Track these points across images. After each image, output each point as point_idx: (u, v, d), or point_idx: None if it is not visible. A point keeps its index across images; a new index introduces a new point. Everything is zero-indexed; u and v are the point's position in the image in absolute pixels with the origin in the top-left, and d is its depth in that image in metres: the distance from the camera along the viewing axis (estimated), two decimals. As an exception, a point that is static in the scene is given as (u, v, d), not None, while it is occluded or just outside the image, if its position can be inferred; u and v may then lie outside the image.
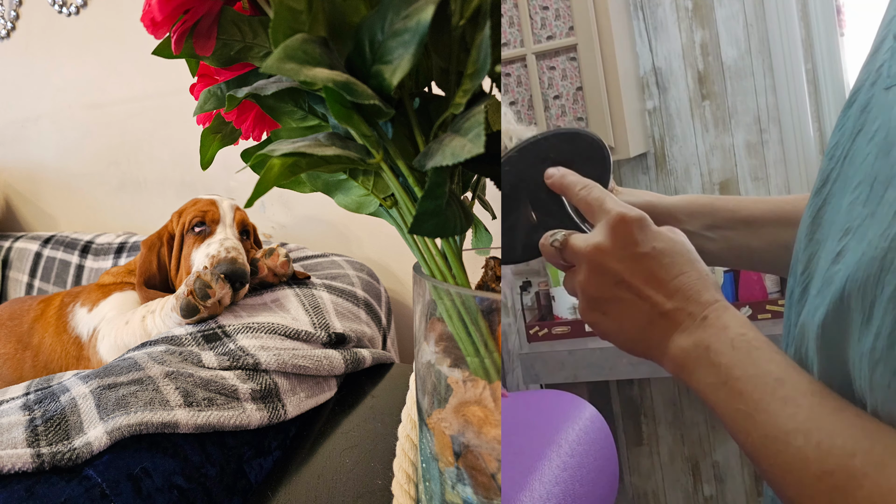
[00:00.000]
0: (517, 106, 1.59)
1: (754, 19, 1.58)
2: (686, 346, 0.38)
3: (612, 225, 0.41)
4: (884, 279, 0.30)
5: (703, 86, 1.65)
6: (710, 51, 1.63)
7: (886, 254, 0.30)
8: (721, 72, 1.63)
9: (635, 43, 1.68)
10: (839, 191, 0.37)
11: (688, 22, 1.64)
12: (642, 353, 0.42)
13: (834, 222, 0.37)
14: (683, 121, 1.67)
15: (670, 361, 0.39)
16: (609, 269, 0.41)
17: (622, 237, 0.40)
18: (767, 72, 1.59)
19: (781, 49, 1.56)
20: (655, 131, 1.70)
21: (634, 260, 0.40)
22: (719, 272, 1.57)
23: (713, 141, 1.66)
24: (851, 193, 0.36)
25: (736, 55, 1.61)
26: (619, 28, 1.53)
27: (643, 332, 0.40)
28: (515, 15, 1.53)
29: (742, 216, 0.55)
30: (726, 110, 1.64)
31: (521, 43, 1.53)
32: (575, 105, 1.51)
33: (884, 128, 0.35)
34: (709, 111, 1.65)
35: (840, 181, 0.38)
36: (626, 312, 0.41)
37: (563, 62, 1.51)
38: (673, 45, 1.66)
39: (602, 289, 0.41)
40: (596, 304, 0.42)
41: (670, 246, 0.41)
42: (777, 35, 1.56)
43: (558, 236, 0.44)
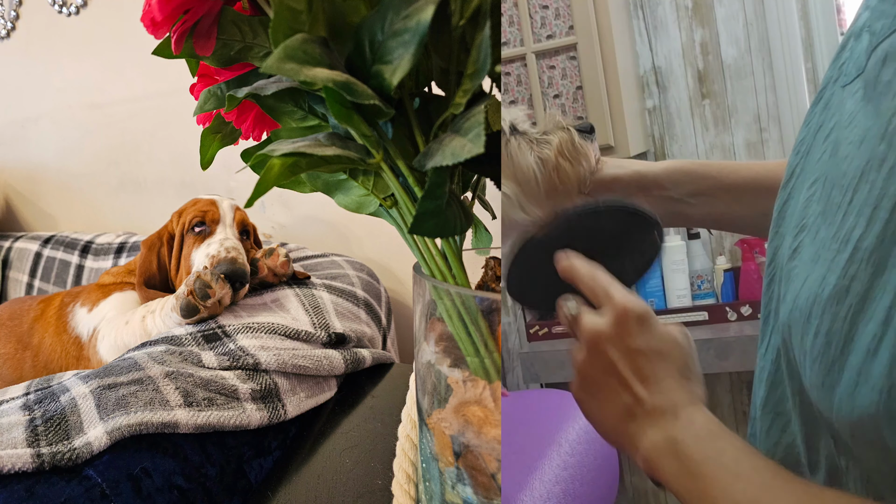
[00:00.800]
0: (517, 105, 1.59)
1: (754, 18, 1.58)
2: (656, 441, 0.39)
3: (615, 316, 0.41)
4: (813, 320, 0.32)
5: (703, 85, 1.65)
6: (710, 50, 1.63)
7: (814, 304, 0.32)
8: (721, 71, 1.63)
9: (635, 42, 1.68)
10: (800, 186, 0.39)
11: (688, 21, 1.64)
12: (617, 443, 0.43)
13: (793, 217, 0.38)
14: (683, 120, 1.67)
15: (641, 456, 0.40)
16: (604, 357, 0.42)
17: (622, 330, 0.41)
18: (767, 71, 1.59)
19: (781, 48, 1.55)
20: (655, 130, 1.70)
21: (629, 354, 0.41)
22: (719, 271, 1.57)
23: (713, 140, 1.66)
24: (808, 190, 0.37)
25: (736, 54, 1.61)
26: (619, 27, 1.53)
27: (622, 423, 0.41)
28: (515, 14, 1.53)
29: (725, 184, 0.56)
30: (726, 109, 1.64)
31: (521, 42, 1.53)
32: (575, 104, 1.51)
33: (837, 126, 0.35)
34: (709, 110, 1.65)
35: (801, 176, 0.39)
36: (610, 400, 0.42)
37: (562, 61, 1.51)
38: (673, 44, 1.66)
39: (594, 372, 0.42)
40: (586, 384, 0.43)
41: (667, 348, 0.41)
42: (777, 34, 1.56)
43: (572, 306, 0.44)
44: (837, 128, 0.35)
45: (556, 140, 0.51)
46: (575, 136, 0.51)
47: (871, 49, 0.33)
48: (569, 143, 0.51)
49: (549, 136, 0.51)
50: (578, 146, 0.51)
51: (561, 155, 0.50)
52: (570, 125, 0.52)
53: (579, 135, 0.52)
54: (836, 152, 0.34)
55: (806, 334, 0.32)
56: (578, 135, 0.52)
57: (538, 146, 0.50)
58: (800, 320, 0.33)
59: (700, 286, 1.58)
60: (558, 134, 0.51)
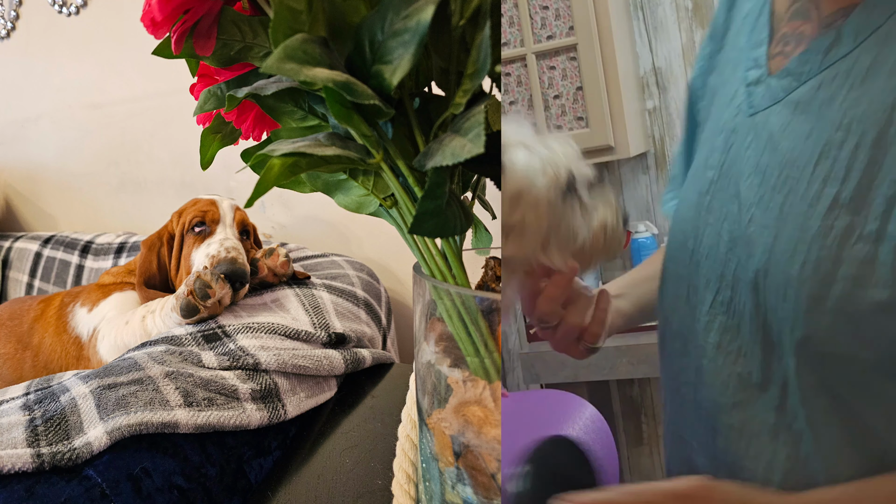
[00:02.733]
0: (517, 105, 1.59)
1: (754, 19, 1.58)
2: None
3: None
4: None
5: (703, 85, 1.65)
6: (710, 50, 1.63)
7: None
8: (721, 71, 1.63)
9: (635, 43, 1.68)
10: (725, 185, 0.53)
11: (688, 22, 1.64)
12: None
13: (726, 205, 0.51)
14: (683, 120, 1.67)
15: None
16: None
17: None
18: (767, 71, 1.59)
19: (781, 49, 1.55)
20: (656, 131, 1.70)
21: None
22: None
23: (713, 141, 1.66)
24: (745, 181, 0.50)
25: (736, 55, 1.61)
26: (619, 28, 1.53)
27: None
28: (515, 14, 1.53)
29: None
30: (726, 110, 1.64)
31: (521, 43, 1.53)
32: (575, 105, 1.51)
33: (765, 136, 0.49)
34: (709, 111, 1.65)
35: (727, 178, 0.53)
36: None
37: (563, 62, 1.51)
38: (673, 44, 1.66)
39: None
40: None
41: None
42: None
43: None
44: (766, 136, 0.48)
45: (602, 214, 0.51)
46: (620, 221, 0.52)
47: (793, 88, 0.47)
48: (613, 224, 0.51)
49: (596, 208, 0.51)
50: (619, 230, 0.52)
51: (602, 229, 0.51)
52: (619, 207, 0.52)
53: (623, 221, 0.52)
54: (775, 148, 0.47)
55: (791, 267, 0.43)
56: (623, 221, 0.52)
57: (587, 213, 0.50)
58: (781, 259, 0.43)
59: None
60: (606, 210, 0.51)
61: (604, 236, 0.50)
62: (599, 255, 0.52)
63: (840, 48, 0.45)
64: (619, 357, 1.47)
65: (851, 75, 0.43)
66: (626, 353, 1.45)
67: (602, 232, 0.50)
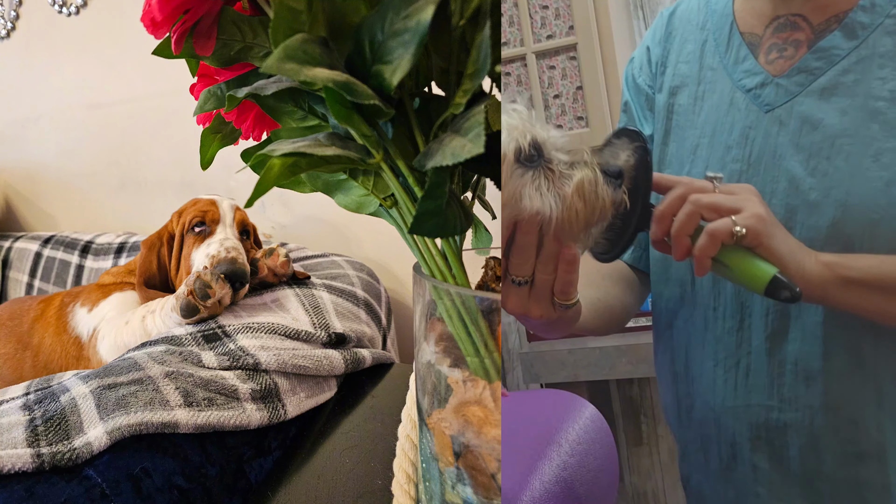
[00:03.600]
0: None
1: (754, 19, 1.58)
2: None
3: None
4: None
5: (703, 85, 1.65)
6: (710, 50, 1.63)
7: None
8: (721, 71, 1.63)
9: (635, 42, 1.68)
10: (775, 164, 0.62)
11: (688, 21, 1.64)
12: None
13: (783, 177, 0.61)
14: (683, 120, 1.67)
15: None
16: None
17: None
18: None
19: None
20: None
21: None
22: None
23: (713, 140, 1.66)
24: (801, 154, 0.61)
25: (736, 55, 1.61)
26: (619, 27, 1.53)
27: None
28: (515, 14, 1.53)
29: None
30: (726, 110, 1.64)
31: (521, 42, 1.53)
32: (575, 104, 1.51)
33: (797, 124, 0.60)
34: (709, 111, 1.65)
35: (780, 157, 0.63)
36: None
37: (563, 61, 1.51)
38: (673, 44, 1.66)
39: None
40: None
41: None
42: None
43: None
44: (798, 122, 0.58)
45: (579, 177, 0.46)
46: (600, 179, 0.47)
47: (810, 81, 0.58)
48: (591, 185, 0.46)
49: (572, 170, 0.46)
50: (600, 191, 0.47)
51: (578, 194, 0.46)
52: (597, 165, 0.47)
53: (604, 178, 0.47)
54: (815, 127, 0.57)
55: (877, 202, 0.52)
56: (604, 178, 0.47)
57: (558, 181, 0.45)
58: (864, 203, 0.53)
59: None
60: (583, 171, 0.46)
61: (581, 197, 0.46)
62: (581, 223, 0.47)
63: (853, 40, 0.55)
64: (619, 357, 1.47)
65: (876, 56, 0.54)
66: (625, 352, 1.45)
67: (579, 193, 0.46)
